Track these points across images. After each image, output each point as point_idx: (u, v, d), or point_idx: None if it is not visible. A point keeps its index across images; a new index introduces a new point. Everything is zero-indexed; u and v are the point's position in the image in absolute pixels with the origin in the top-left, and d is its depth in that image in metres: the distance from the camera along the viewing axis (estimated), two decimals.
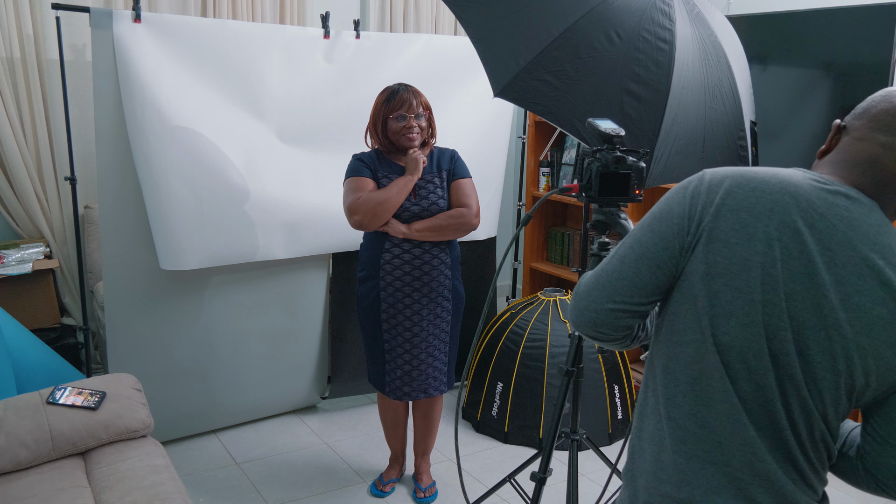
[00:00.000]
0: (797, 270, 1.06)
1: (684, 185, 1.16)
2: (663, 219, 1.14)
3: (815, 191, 1.09)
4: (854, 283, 1.06)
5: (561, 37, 1.93)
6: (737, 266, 1.08)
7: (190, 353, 3.18)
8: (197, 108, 2.92)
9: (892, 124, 1.09)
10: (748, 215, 1.08)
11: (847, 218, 1.07)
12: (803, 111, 3.16)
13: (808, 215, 1.07)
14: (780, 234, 1.06)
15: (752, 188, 1.09)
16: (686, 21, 2.03)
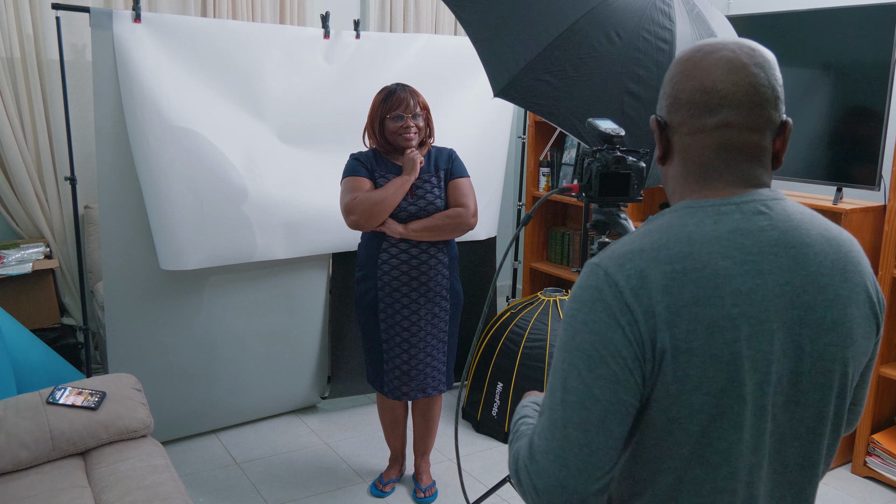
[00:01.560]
0: (771, 334, 0.94)
1: (593, 301, 0.93)
2: (605, 358, 0.92)
3: (730, 233, 0.95)
4: (821, 301, 0.97)
5: (561, 37, 1.93)
6: (714, 369, 0.92)
7: (190, 353, 3.18)
8: (197, 109, 2.92)
9: (709, 101, 0.96)
10: (697, 307, 0.91)
11: (776, 240, 0.96)
12: (803, 111, 3.16)
13: (748, 266, 0.94)
14: (737, 307, 0.92)
15: (685, 271, 0.92)
16: (686, 21, 2.03)
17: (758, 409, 0.96)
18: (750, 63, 0.96)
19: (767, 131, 1.01)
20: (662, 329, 0.91)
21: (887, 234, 2.88)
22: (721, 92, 0.96)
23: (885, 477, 2.98)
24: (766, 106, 0.98)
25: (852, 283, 1.00)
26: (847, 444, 3.15)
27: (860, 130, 2.97)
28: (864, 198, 3.20)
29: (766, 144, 1.01)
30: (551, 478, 0.92)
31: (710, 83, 0.96)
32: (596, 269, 0.96)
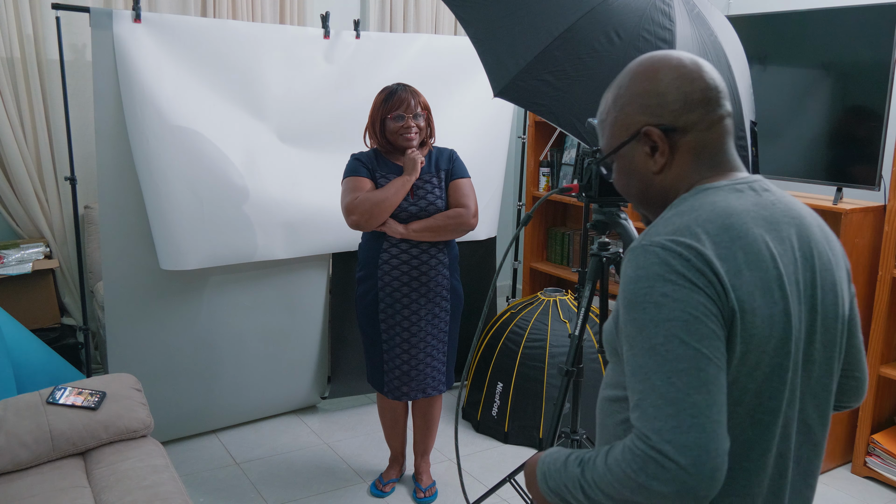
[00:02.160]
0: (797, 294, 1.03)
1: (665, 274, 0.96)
2: (700, 318, 0.94)
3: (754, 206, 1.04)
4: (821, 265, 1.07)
5: (561, 37, 1.93)
6: (765, 327, 0.98)
7: (190, 353, 3.18)
8: (197, 108, 2.92)
9: (717, 96, 1.07)
10: (750, 271, 0.98)
11: (784, 212, 1.06)
12: (803, 111, 3.16)
13: (774, 234, 1.03)
14: (776, 269, 1.00)
15: (732, 238, 0.99)
16: (686, 21, 2.03)
17: (794, 366, 1.02)
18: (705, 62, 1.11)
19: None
20: (730, 291, 0.96)
21: (887, 234, 2.88)
22: (719, 87, 1.08)
23: (885, 477, 2.98)
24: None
25: (835, 250, 1.11)
26: (847, 444, 3.15)
27: (860, 130, 2.97)
28: (864, 198, 3.20)
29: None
30: (694, 448, 0.90)
31: (711, 81, 1.07)
32: (651, 249, 0.99)
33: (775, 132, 3.25)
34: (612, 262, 2.06)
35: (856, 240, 2.92)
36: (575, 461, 1.06)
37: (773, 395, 1.01)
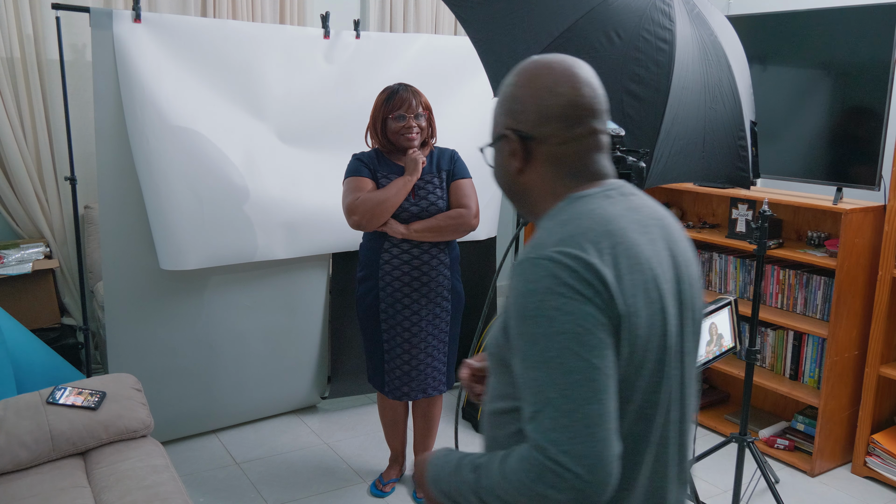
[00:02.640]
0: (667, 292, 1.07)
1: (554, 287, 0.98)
2: (590, 329, 0.97)
3: (626, 210, 1.09)
4: (684, 262, 1.13)
5: (561, 37, 1.93)
6: (648, 329, 1.03)
7: (190, 353, 3.18)
8: (197, 108, 2.92)
9: (578, 114, 1.09)
10: (632, 275, 1.02)
11: (649, 215, 1.11)
12: (803, 111, 3.16)
13: (646, 236, 1.08)
14: (652, 270, 1.05)
15: (614, 245, 1.02)
16: (686, 21, 2.03)
17: (671, 359, 1.08)
18: (592, 76, 1.12)
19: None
20: (617, 297, 0.99)
21: (887, 234, 2.88)
22: (586, 105, 1.09)
23: (885, 477, 2.98)
24: (605, 110, 1.13)
25: (689, 247, 1.17)
26: (847, 444, 3.15)
27: (860, 130, 2.97)
28: (864, 198, 3.20)
29: (608, 141, 1.15)
30: (590, 458, 0.94)
31: (577, 98, 1.08)
32: (539, 262, 1.01)
33: (775, 132, 3.25)
34: None
35: (856, 240, 2.92)
36: (468, 466, 1.08)
37: (656, 389, 1.06)
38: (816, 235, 3.20)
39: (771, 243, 3.15)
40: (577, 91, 1.08)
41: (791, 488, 2.98)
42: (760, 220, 2.51)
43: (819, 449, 3.05)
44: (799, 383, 3.23)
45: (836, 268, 2.91)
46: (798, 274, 3.22)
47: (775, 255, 3.15)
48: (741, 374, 3.21)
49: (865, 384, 3.01)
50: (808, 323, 3.11)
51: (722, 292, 3.53)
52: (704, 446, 3.27)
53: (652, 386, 1.05)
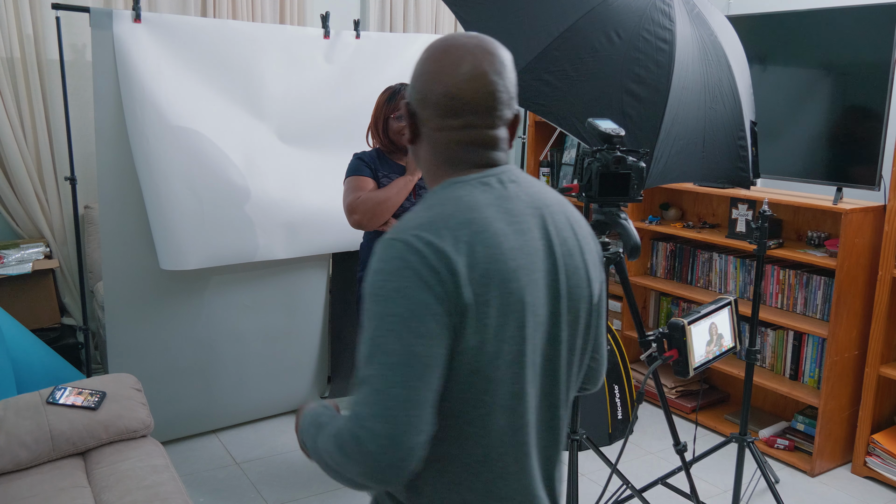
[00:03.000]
0: (539, 282, 1.07)
1: (400, 269, 0.99)
2: (420, 317, 0.98)
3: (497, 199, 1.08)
4: (566, 251, 1.12)
5: (561, 37, 1.93)
6: (504, 317, 1.03)
7: (190, 353, 3.18)
8: (197, 108, 2.92)
9: (454, 106, 1.08)
10: (489, 264, 1.02)
11: (528, 203, 1.10)
12: (803, 111, 3.16)
13: (516, 226, 1.07)
14: (514, 261, 1.04)
15: (473, 234, 1.03)
16: (686, 21, 2.03)
17: (535, 348, 1.08)
18: (490, 71, 1.08)
19: (502, 126, 1.13)
20: (465, 286, 1.00)
21: (887, 234, 2.88)
22: (464, 99, 1.08)
23: (885, 477, 2.98)
24: (500, 107, 1.10)
25: (582, 235, 1.16)
26: (847, 444, 3.15)
27: (860, 130, 2.97)
28: (864, 198, 3.20)
29: (501, 136, 1.13)
30: (382, 437, 0.96)
31: (455, 90, 1.07)
32: (394, 243, 1.02)
33: (775, 132, 3.25)
34: (613, 261, 2.06)
35: (856, 240, 2.92)
36: (315, 423, 1.11)
37: (516, 380, 1.06)
38: (816, 235, 3.20)
39: (771, 243, 3.15)
40: (458, 84, 1.07)
41: (791, 488, 2.98)
42: (760, 220, 2.51)
43: (819, 449, 3.05)
44: (799, 383, 3.23)
45: (836, 268, 2.91)
46: (798, 274, 3.22)
47: (775, 255, 3.15)
48: (741, 374, 3.21)
49: (865, 384, 3.01)
50: (808, 323, 3.11)
51: (722, 292, 3.54)
52: (704, 446, 3.27)
53: (512, 377, 1.06)
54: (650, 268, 3.84)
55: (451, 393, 1.03)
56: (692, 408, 3.56)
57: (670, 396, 3.61)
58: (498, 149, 1.13)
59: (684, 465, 2.31)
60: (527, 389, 1.08)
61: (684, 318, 2.01)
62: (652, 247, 3.81)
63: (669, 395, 3.61)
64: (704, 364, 2.07)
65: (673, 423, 2.27)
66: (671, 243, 3.73)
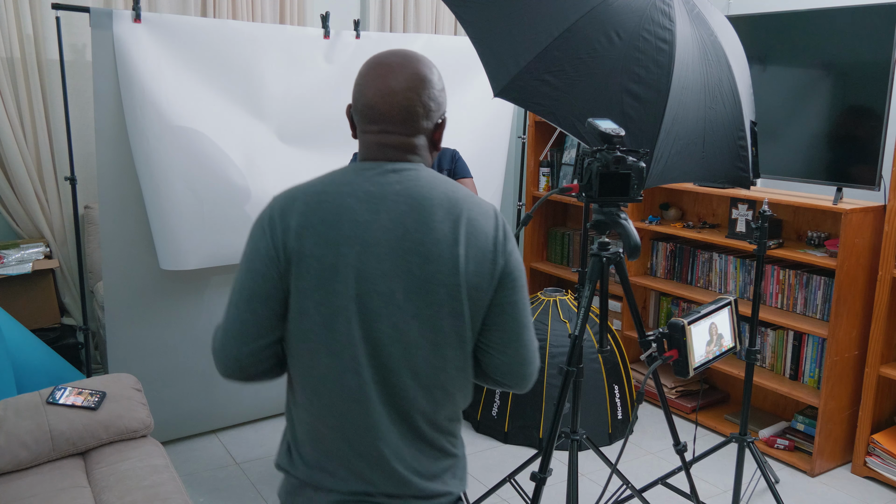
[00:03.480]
0: (381, 256, 1.22)
1: (260, 218, 1.28)
2: (253, 257, 1.27)
3: (363, 182, 1.25)
4: (430, 239, 1.23)
5: (561, 37, 1.93)
6: (328, 273, 1.22)
7: (190, 353, 3.18)
8: (197, 108, 2.92)
9: (372, 115, 1.27)
10: (322, 227, 1.22)
11: (399, 192, 1.24)
12: (803, 111, 3.16)
13: (368, 205, 1.23)
14: (351, 230, 1.22)
15: (319, 202, 1.23)
16: (686, 21, 2.03)
17: (369, 312, 1.23)
18: (405, 88, 1.26)
19: (420, 135, 1.30)
20: (293, 239, 1.22)
21: (887, 234, 2.88)
22: (380, 110, 1.27)
23: (885, 477, 2.98)
24: (416, 119, 1.28)
25: (467, 231, 1.24)
26: (847, 444, 3.15)
27: (860, 130, 2.97)
28: (864, 198, 3.20)
29: (417, 143, 1.29)
30: (217, 342, 1.29)
31: (374, 102, 1.27)
32: (268, 204, 1.29)
33: (775, 132, 3.25)
34: (613, 262, 2.06)
35: (856, 240, 2.92)
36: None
37: (338, 329, 1.23)
38: (816, 235, 3.20)
39: (771, 243, 3.15)
40: (375, 98, 1.27)
41: (791, 488, 2.98)
42: (760, 220, 2.51)
43: (819, 449, 3.05)
44: (799, 383, 3.23)
45: (836, 268, 2.91)
46: (798, 274, 3.22)
47: (775, 255, 3.15)
48: (741, 374, 3.21)
49: (865, 384, 3.01)
50: (808, 323, 3.11)
51: (722, 292, 3.54)
52: (704, 446, 3.27)
53: (335, 325, 1.23)
54: (650, 268, 3.84)
55: (289, 324, 1.27)
56: (692, 408, 3.57)
57: (670, 396, 3.61)
58: (411, 152, 1.29)
59: (684, 465, 2.32)
60: (354, 341, 1.23)
61: (684, 318, 2.01)
62: (652, 247, 3.81)
63: (669, 395, 3.61)
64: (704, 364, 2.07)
65: (673, 423, 2.27)
66: (671, 243, 3.73)
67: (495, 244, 1.27)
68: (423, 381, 1.27)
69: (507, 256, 1.28)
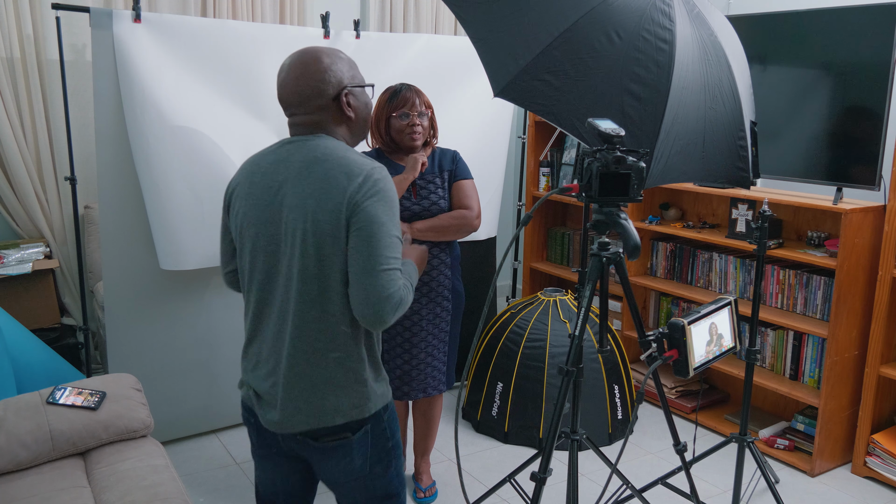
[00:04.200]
0: (262, 207, 1.62)
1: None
2: (223, 211, 1.76)
3: (270, 153, 1.66)
4: (291, 191, 1.58)
5: (561, 37, 1.93)
6: (238, 220, 1.66)
7: (190, 353, 3.18)
8: (197, 108, 2.92)
9: (282, 102, 1.66)
10: (242, 187, 1.66)
11: (283, 159, 1.62)
12: (803, 111, 3.16)
13: (264, 169, 1.64)
14: (251, 188, 1.64)
15: (245, 169, 1.68)
16: (686, 21, 2.03)
17: (261, 253, 1.63)
18: (288, 78, 1.62)
19: (321, 111, 1.63)
20: (230, 194, 1.71)
21: (887, 234, 2.88)
22: (282, 98, 1.65)
23: (885, 477, 2.98)
24: (309, 101, 1.61)
25: (321, 188, 1.55)
26: (847, 444, 3.15)
27: (860, 130, 2.97)
28: (864, 198, 3.20)
29: (322, 119, 1.63)
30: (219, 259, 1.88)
31: (278, 91, 1.66)
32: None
33: (775, 132, 3.25)
34: (612, 262, 2.06)
35: (856, 240, 2.92)
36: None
37: (252, 267, 1.66)
38: (816, 235, 3.20)
39: (771, 243, 3.15)
40: (278, 87, 1.65)
41: (791, 488, 2.98)
42: (760, 220, 2.51)
43: (819, 449, 3.05)
44: (799, 383, 3.23)
45: (836, 268, 2.91)
46: (798, 274, 3.22)
47: (775, 255, 3.15)
48: (741, 374, 3.21)
49: (865, 384, 3.01)
50: (808, 323, 3.11)
51: (722, 292, 3.54)
52: (704, 446, 3.27)
53: (250, 257, 1.65)
54: (650, 268, 3.84)
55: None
56: (692, 408, 3.57)
57: (670, 396, 3.61)
58: (318, 130, 1.64)
59: (684, 465, 2.32)
60: (254, 277, 1.65)
61: (684, 318, 2.01)
62: (652, 247, 3.81)
63: (669, 395, 3.61)
64: (704, 364, 2.07)
65: (673, 423, 2.27)
66: (671, 243, 3.73)
67: (349, 199, 1.54)
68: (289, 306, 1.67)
69: (353, 206, 1.56)
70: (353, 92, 1.64)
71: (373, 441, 1.68)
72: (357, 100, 1.65)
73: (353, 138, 1.70)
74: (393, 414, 1.75)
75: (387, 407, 1.71)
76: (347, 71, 1.64)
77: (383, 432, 1.70)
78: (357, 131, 1.70)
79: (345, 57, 1.66)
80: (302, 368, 1.61)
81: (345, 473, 1.73)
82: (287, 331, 1.61)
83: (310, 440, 1.66)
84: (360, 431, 1.65)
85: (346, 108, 1.63)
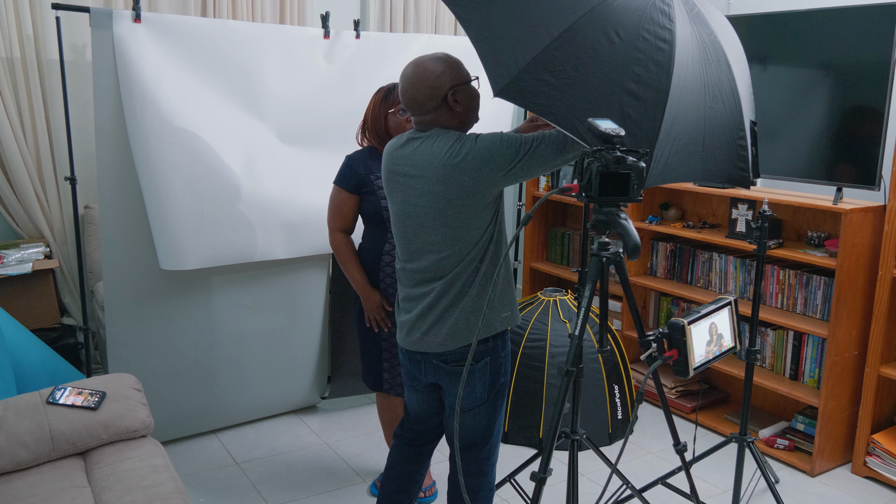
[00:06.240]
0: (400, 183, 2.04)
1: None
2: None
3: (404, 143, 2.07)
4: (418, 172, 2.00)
5: (561, 37, 1.93)
6: (386, 191, 2.12)
7: (190, 353, 3.18)
8: (197, 108, 2.92)
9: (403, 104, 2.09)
10: (384, 164, 2.10)
11: (415, 149, 2.01)
12: (803, 111, 3.16)
13: (400, 152, 2.06)
14: (395, 168, 2.05)
15: (386, 153, 2.11)
16: (686, 21, 2.03)
17: (396, 213, 2.09)
18: (405, 87, 2.00)
19: (433, 112, 2.00)
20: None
21: (887, 234, 2.88)
22: (404, 104, 2.03)
23: (885, 477, 2.98)
24: (422, 105, 1.99)
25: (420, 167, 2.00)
26: (847, 444, 3.15)
27: (860, 130, 2.97)
28: (864, 198, 3.20)
29: (434, 118, 2.01)
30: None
31: (401, 98, 2.05)
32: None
33: (775, 132, 3.25)
34: (612, 262, 2.06)
35: (856, 240, 2.92)
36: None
37: (394, 218, 2.13)
38: (816, 235, 3.20)
39: (771, 243, 3.15)
40: (399, 95, 2.03)
41: (791, 488, 2.98)
42: (760, 220, 2.51)
43: (819, 449, 3.05)
44: (799, 383, 3.23)
45: (836, 268, 2.91)
46: (798, 274, 3.22)
47: (775, 255, 3.15)
48: (741, 374, 3.21)
49: (865, 384, 3.01)
50: (808, 323, 3.11)
51: (722, 292, 3.54)
52: (704, 446, 3.27)
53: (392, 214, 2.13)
54: (650, 268, 3.84)
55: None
56: (692, 408, 3.57)
57: (670, 396, 3.61)
58: (423, 126, 2.02)
59: (684, 465, 2.31)
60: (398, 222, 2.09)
61: (684, 318, 2.01)
62: (652, 247, 3.81)
63: (669, 395, 3.61)
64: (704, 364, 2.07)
65: (673, 423, 2.27)
66: (671, 243, 3.73)
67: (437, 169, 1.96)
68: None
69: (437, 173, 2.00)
70: (458, 90, 1.99)
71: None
72: (463, 95, 2.00)
73: (465, 126, 2.04)
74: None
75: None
76: (452, 73, 1.98)
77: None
78: (467, 120, 2.04)
79: (451, 60, 1.99)
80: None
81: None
82: None
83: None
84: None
85: (455, 105, 1.99)
